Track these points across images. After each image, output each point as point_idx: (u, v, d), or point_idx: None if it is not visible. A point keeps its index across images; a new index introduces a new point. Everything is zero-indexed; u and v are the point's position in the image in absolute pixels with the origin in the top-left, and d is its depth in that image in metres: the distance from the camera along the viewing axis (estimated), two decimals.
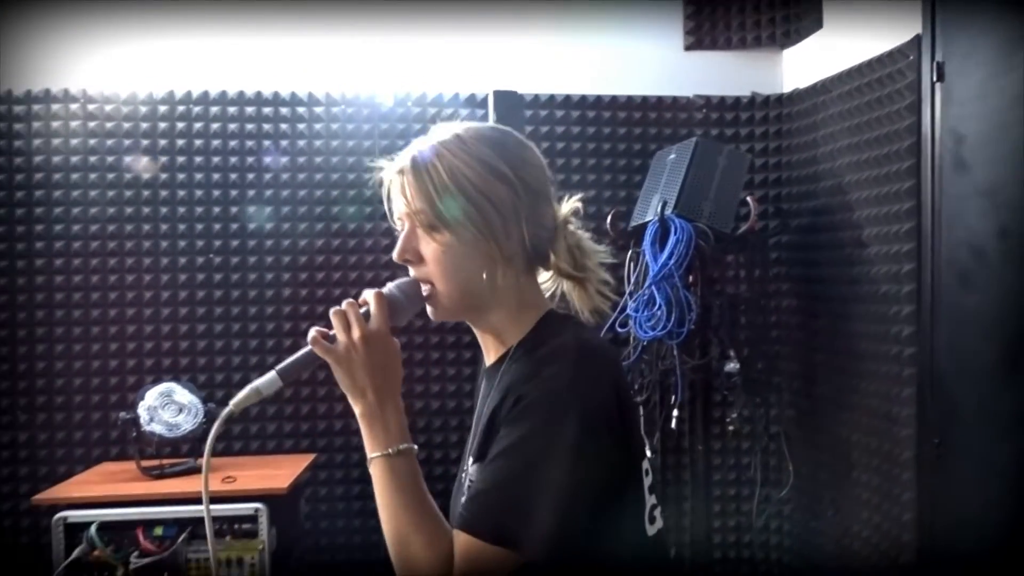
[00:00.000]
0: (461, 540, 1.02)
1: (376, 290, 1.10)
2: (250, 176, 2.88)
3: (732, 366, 2.72)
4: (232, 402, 1.07)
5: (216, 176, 2.87)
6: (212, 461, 1.09)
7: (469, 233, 1.09)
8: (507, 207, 1.10)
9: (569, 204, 1.19)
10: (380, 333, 1.08)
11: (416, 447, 1.09)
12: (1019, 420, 1.99)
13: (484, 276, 1.11)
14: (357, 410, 1.08)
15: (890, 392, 2.43)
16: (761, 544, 3.04)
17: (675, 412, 2.64)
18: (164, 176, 2.85)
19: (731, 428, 2.81)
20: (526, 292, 1.16)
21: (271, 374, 1.08)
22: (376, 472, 1.06)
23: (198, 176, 2.86)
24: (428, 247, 1.11)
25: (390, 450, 1.06)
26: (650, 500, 1.14)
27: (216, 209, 2.87)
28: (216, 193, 2.87)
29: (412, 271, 1.14)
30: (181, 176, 2.86)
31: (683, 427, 2.85)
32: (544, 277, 1.20)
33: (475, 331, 1.20)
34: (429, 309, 1.15)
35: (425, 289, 1.13)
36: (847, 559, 2.65)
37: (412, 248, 1.12)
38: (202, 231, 2.86)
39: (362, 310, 1.09)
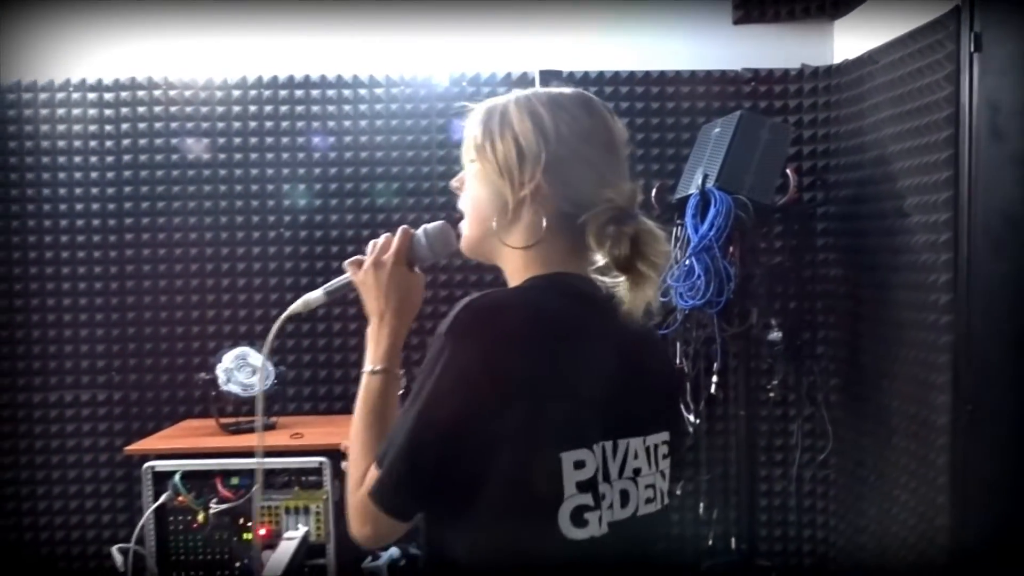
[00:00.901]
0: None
1: (404, 226, 1.25)
2: (316, 156, 3.07)
3: (775, 335, 2.80)
4: (290, 308, 1.29)
5: (285, 156, 3.07)
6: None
7: (491, 168, 1.14)
8: (531, 152, 1.11)
9: (628, 188, 1.14)
10: (391, 263, 1.22)
11: (400, 372, 1.21)
12: None
13: (493, 218, 1.15)
14: (368, 329, 1.24)
15: (927, 359, 2.47)
16: (807, 508, 3.12)
17: (714, 378, 2.74)
18: (238, 156, 3.06)
19: (771, 395, 2.89)
20: (542, 249, 1.14)
21: (318, 291, 1.30)
22: (360, 383, 1.21)
23: (269, 156, 3.07)
24: (469, 177, 1.20)
25: (369, 368, 1.20)
26: (579, 498, 1.04)
27: (285, 187, 3.08)
28: (285, 172, 3.08)
29: (460, 202, 1.22)
30: (254, 156, 3.07)
31: (725, 394, 2.94)
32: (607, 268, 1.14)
33: None
34: (462, 244, 1.23)
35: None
36: (887, 523, 2.72)
37: (461, 178, 1.22)
38: (273, 209, 3.07)
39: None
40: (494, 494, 1.03)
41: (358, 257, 1.27)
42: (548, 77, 2.81)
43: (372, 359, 1.21)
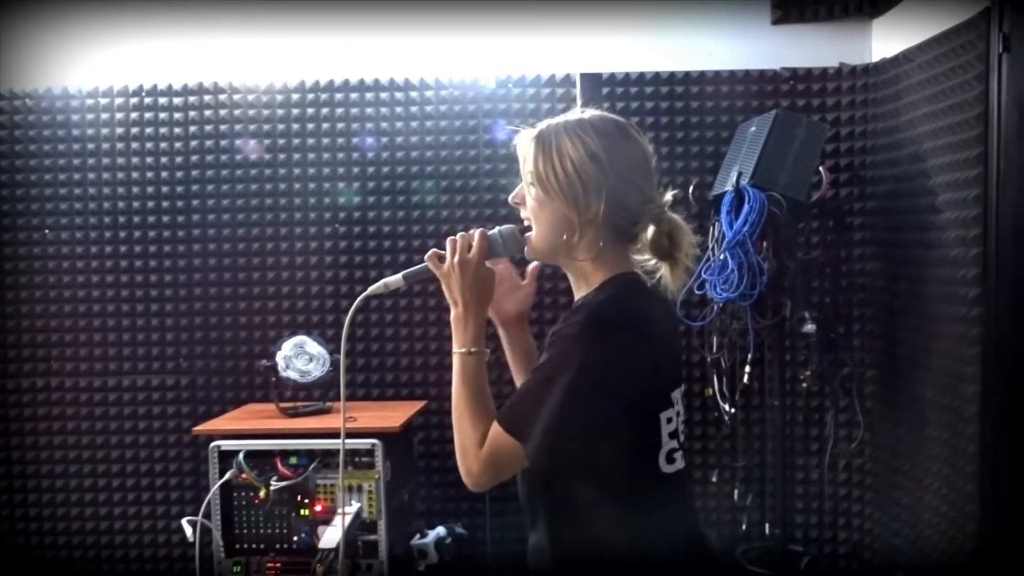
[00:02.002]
0: (493, 425, 1.36)
1: (481, 228, 1.44)
2: (368, 156, 3.25)
3: (809, 327, 2.88)
4: (369, 289, 1.48)
5: (340, 155, 3.25)
6: (337, 404, 1.48)
7: (556, 197, 1.38)
8: (592, 184, 1.36)
9: (666, 196, 1.43)
10: (475, 260, 1.41)
11: (488, 352, 1.42)
12: None
13: (563, 235, 1.39)
14: (451, 316, 1.43)
15: (958, 351, 2.54)
16: (841, 497, 3.20)
17: (747, 368, 2.83)
18: (296, 156, 3.25)
19: (805, 386, 2.98)
20: (604, 256, 1.41)
21: (398, 275, 1.48)
22: (454, 364, 1.41)
23: (325, 156, 3.25)
24: (530, 199, 1.43)
25: (463, 350, 1.40)
26: (669, 443, 1.39)
27: (340, 186, 3.25)
28: (340, 171, 3.25)
29: (521, 213, 1.46)
30: (311, 156, 3.25)
31: (760, 384, 3.04)
32: (645, 256, 1.44)
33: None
34: (525, 249, 1.46)
35: (526, 233, 1.45)
36: (919, 510, 2.79)
37: (521, 195, 1.45)
38: (328, 206, 3.25)
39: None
40: (617, 447, 1.33)
41: (437, 251, 1.44)
42: (588, 79, 2.93)
43: (464, 342, 1.41)
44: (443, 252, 1.44)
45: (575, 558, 1.38)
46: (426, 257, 1.44)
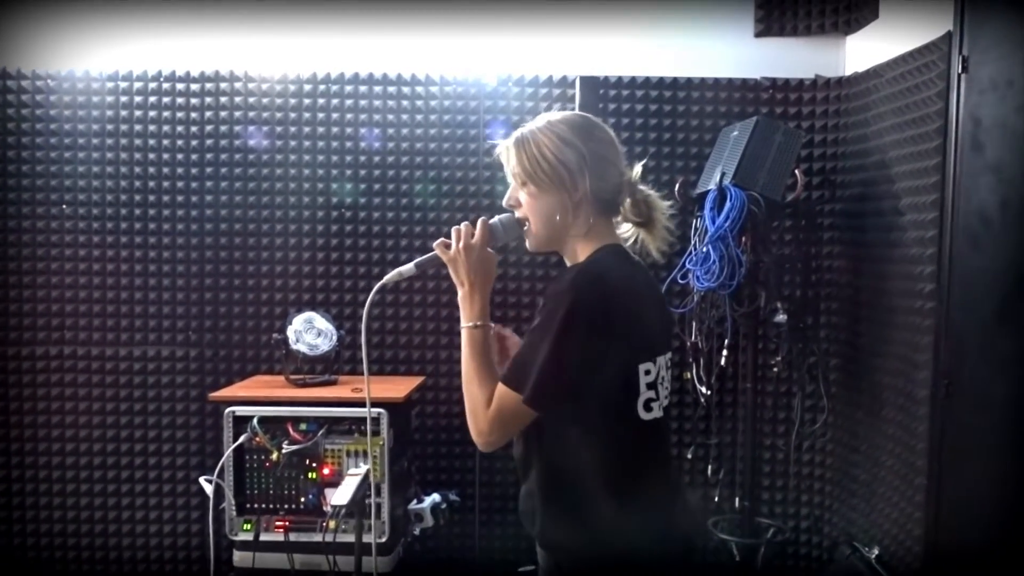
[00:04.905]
0: (498, 384, 1.55)
1: (484, 217, 1.65)
2: (375, 147, 3.46)
3: (780, 317, 3.14)
4: (384, 278, 1.68)
5: (348, 144, 3.45)
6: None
7: (547, 186, 1.59)
8: (574, 167, 1.57)
9: (635, 169, 1.66)
10: (478, 246, 1.62)
11: (492, 325, 1.63)
12: (1012, 362, 2.37)
13: (558, 217, 1.60)
14: (459, 295, 1.63)
15: (913, 340, 2.81)
16: (806, 475, 3.47)
17: (724, 352, 3.09)
18: (307, 143, 3.44)
19: (776, 370, 3.25)
20: (594, 230, 1.61)
21: (410, 264, 1.68)
22: (462, 337, 1.61)
23: (334, 144, 3.45)
24: (523, 197, 1.63)
25: (470, 324, 1.61)
26: (647, 393, 1.56)
27: (347, 174, 3.45)
28: (348, 159, 3.45)
29: (516, 213, 1.65)
30: (321, 144, 3.45)
31: (735, 368, 3.30)
32: (626, 228, 1.67)
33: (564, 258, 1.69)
34: (527, 242, 1.67)
35: (524, 226, 1.64)
36: (875, 485, 3.07)
37: (514, 197, 1.66)
38: (335, 192, 3.45)
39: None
40: (600, 392, 1.51)
41: (444, 240, 1.65)
42: (586, 82, 3.16)
43: (471, 317, 1.61)
44: (450, 240, 1.63)
45: (562, 495, 1.56)
46: (435, 245, 1.64)
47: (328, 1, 3.42)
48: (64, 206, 3.44)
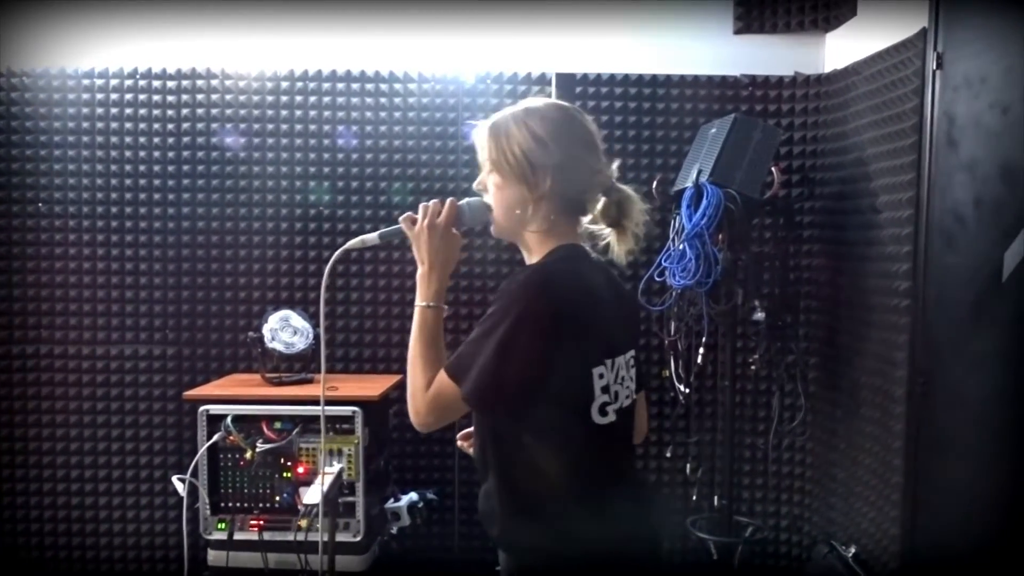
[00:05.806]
0: (441, 371, 1.52)
1: (452, 198, 1.62)
2: (352, 144, 3.43)
3: (759, 315, 3.13)
4: (348, 243, 1.65)
5: (326, 142, 3.43)
6: (319, 376, 1.68)
7: (510, 178, 1.56)
8: (539, 164, 1.53)
9: (611, 168, 1.60)
10: (443, 225, 1.58)
11: (445, 307, 1.59)
12: (984, 358, 2.36)
13: (518, 211, 1.56)
14: (418, 273, 1.59)
15: (889, 338, 2.81)
16: (785, 473, 3.47)
17: (701, 351, 3.08)
18: (284, 141, 3.42)
19: (754, 368, 3.24)
20: (555, 228, 1.57)
21: (374, 233, 1.66)
22: (414, 316, 1.58)
23: (312, 142, 3.43)
24: (490, 184, 1.60)
25: (424, 303, 1.57)
26: (602, 397, 1.53)
27: (324, 171, 3.43)
28: (326, 156, 3.44)
29: (484, 197, 1.62)
30: (299, 142, 3.43)
31: (713, 366, 3.29)
32: (601, 225, 1.61)
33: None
34: (491, 227, 1.63)
35: (491, 211, 1.60)
36: (852, 484, 3.06)
37: (482, 182, 1.62)
38: (311, 191, 3.44)
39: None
40: (551, 396, 1.48)
41: (410, 214, 1.62)
42: (563, 79, 3.14)
43: (426, 297, 1.58)
44: (416, 216, 1.60)
45: (519, 495, 1.54)
46: (400, 219, 1.62)
47: (305, 1, 3.40)
48: (40, 204, 3.42)
